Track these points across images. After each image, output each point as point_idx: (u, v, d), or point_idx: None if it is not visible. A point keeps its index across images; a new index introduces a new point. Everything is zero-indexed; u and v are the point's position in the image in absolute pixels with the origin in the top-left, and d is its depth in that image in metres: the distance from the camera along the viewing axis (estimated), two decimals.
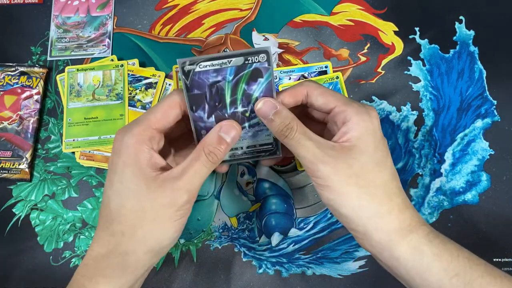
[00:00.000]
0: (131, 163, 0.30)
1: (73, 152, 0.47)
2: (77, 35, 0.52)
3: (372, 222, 0.29)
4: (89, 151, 0.47)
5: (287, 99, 0.33)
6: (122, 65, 0.48)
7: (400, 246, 0.29)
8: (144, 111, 0.47)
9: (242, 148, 0.35)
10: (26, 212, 0.46)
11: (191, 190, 0.30)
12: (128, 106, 0.47)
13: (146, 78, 0.48)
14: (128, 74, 0.48)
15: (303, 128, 0.31)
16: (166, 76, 0.48)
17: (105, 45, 0.51)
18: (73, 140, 0.46)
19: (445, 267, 0.29)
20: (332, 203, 0.30)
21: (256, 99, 0.32)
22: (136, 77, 0.48)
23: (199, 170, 0.30)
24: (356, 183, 0.29)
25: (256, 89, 0.31)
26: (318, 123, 0.36)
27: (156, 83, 0.48)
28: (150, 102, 0.47)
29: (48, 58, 0.51)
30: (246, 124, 0.33)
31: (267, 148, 0.36)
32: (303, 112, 0.36)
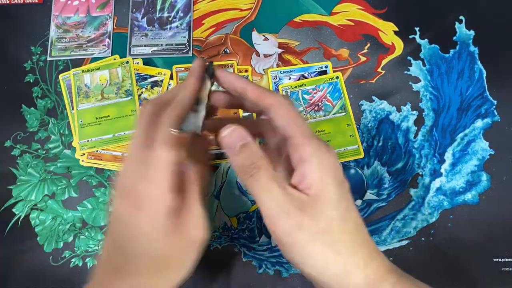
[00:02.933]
0: (157, 221, 0.28)
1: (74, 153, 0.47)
2: (77, 35, 0.52)
3: (336, 280, 0.27)
4: (97, 151, 0.47)
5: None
6: (127, 62, 0.49)
7: None
8: None
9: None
10: (26, 212, 0.46)
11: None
12: None
13: (151, 76, 0.49)
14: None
15: (271, 170, 0.27)
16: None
17: (105, 45, 0.51)
18: (87, 140, 0.47)
19: None
20: (295, 261, 0.27)
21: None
22: (141, 75, 0.49)
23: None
24: (321, 241, 0.26)
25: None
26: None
27: (161, 81, 0.48)
28: None
29: (48, 58, 0.51)
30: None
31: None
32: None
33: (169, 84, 0.48)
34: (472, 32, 0.51)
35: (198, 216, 0.29)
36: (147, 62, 0.50)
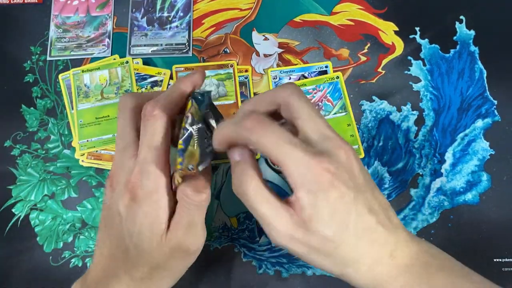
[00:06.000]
0: (153, 220, 0.29)
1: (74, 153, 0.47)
2: (77, 35, 0.52)
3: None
4: (97, 151, 0.47)
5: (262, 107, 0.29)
6: (127, 62, 0.48)
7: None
8: None
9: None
10: (26, 212, 0.46)
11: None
12: None
13: (151, 76, 0.48)
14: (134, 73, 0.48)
15: (260, 192, 0.27)
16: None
17: (104, 44, 0.51)
18: (87, 140, 0.47)
19: None
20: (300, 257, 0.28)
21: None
22: (141, 75, 0.48)
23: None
24: (318, 255, 0.26)
25: None
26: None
27: (161, 81, 0.48)
28: None
29: (48, 58, 0.51)
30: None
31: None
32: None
33: (169, 84, 0.48)
34: (472, 32, 0.51)
35: (183, 228, 0.30)
36: (147, 62, 0.50)
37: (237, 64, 0.50)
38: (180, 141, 0.28)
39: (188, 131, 0.28)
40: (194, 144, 0.28)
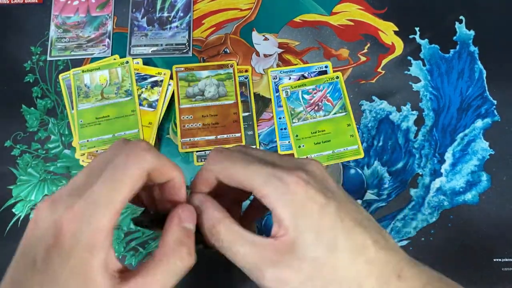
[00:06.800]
0: (85, 278, 0.20)
1: (74, 153, 0.47)
2: (77, 35, 0.52)
3: None
4: (97, 151, 0.47)
5: (201, 188, 0.26)
6: (127, 62, 0.48)
7: None
8: (151, 109, 0.47)
9: None
10: (26, 212, 0.46)
11: None
12: None
13: (151, 76, 0.48)
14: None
15: (233, 231, 0.24)
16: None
17: (105, 45, 0.51)
18: (87, 140, 0.47)
19: None
20: None
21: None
22: (141, 75, 0.48)
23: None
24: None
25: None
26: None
27: (161, 81, 0.48)
28: (156, 100, 0.48)
29: (48, 58, 0.51)
30: None
31: None
32: None
33: (169, 84, 0.48)
34: (472, 32, 0.51)
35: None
36: (147, 62, 0.50)
37: (237, 64, 0.50)
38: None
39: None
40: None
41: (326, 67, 0.50)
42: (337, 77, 0.49)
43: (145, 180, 0.23)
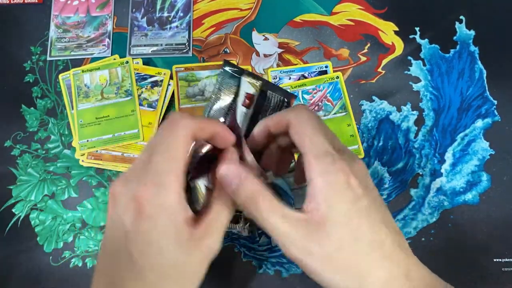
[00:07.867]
0: (171, 232, 0.25)
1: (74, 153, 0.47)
2: (77, 35, 0.52)
3: None
4: (97, 151, 0.47)
5: (271, 127, 0.30)
6: (127, 62, 0.48)
7: None
8: (151, 109, 0.47)
9: None
10: (26, 212, 0.46)
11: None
12: None
13: (151, 76, 0.48)
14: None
15: (269, 203, 0.26)
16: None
17: (104, 45, 0.51)
18: (87, 140, 0.47)
19: None
20: (312, 276, 0.26)
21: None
22: (141, 75, 0.48)
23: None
24: (331, 267, 0.25)
25: None
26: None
27: (161, 81, 0.48)
28: (156, 100, 0.48)
29: (48, 58, 0.51)
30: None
31: None
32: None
33: (169, 84, 0.48)
34: (472, 32, 0.51)
35: (217, 228, 0.27)
36: (147, 62, 0.50)
37: (237, 64, 0.50)
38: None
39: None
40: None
41: (326, 67, 0.50)
42: (337, 77, 0.49)
43: (193, 139, 0.27)
